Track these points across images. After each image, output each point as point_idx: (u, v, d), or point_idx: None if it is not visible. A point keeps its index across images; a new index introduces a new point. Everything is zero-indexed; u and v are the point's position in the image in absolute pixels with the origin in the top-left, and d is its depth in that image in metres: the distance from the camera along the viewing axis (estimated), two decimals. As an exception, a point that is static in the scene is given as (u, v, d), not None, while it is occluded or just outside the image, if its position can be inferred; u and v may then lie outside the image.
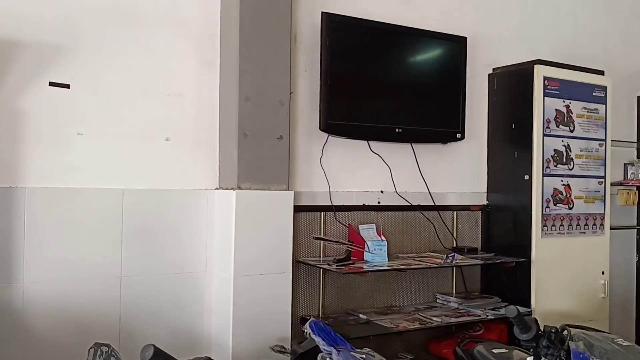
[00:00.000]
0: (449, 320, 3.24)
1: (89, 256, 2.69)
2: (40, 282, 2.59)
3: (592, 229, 3.73)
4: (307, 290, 3.24)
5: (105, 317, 2.71)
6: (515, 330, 1.78)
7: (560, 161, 3.59)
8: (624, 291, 4.36)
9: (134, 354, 2.22)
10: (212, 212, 2.96)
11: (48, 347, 2.57)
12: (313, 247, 3.27)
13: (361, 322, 3.19)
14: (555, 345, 1.76)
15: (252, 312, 2.84)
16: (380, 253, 3.27)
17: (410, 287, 3.57)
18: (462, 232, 3.76)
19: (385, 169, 3.46)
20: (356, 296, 3.39)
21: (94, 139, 2.73)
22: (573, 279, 3.64)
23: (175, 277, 2.89)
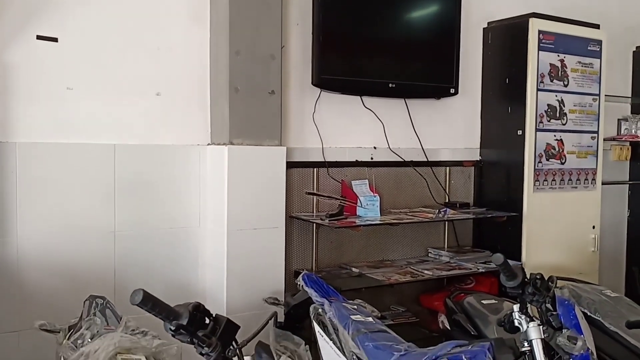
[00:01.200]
0: (440, 273, 3.28)
1: (82, 211, 2.70)
2: (34, 237, 2.61)
3: (583, 183, 3.75)
4: (300, 245, 3.28)
5: (100, 271, 2.74)
6: (501, 277, 1.80)
7: (553, 116, 3.59)
8: (614, 245, 4.42)
9: (129, 307, 2.26)
10: (205, 167, 2.96)
11: (44, 300, 2.61)
12: (306, 203, 3.29)
13: (353, 275, 3.23)
14: (541, 292, 1.80)
15: (245, 266, 2.88)
16: (373, 208, 3.29)
17: (402, 241, 3.61)
18: (454, 187, 3.78)
19: (379, 125, 3.45)
20: (349, 251, 3.43)
21: (83, 93, 2.71)
22: (564, 233, 3.67)
23: (168, 231, 2.91)
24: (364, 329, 2.36)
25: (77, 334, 2.12)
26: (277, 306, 2.78)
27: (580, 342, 1.74)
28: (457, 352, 1.98)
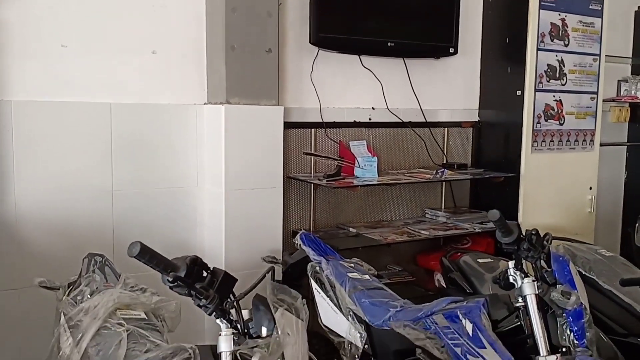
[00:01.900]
0: (437, 233, 3.31)
1: (79, 170, 2.70)
2: (32, 195, 2.61)
3: (582, 145, 3.74)
4: (298, 206, 3.29)
5: (99, 230, 2.75)
6: (497, 234, 1.82)
7: (553, 76, 3.56)
8: (610, 207, 4.44)
9: (127, 266, 2.28)
10: (202, 127, 2.94)
11: (43, 258, 2.63)
12: (304, 164, 3.28)
13: (351, 235, 3.26)
14: (536, 248, 1.81)
15: (244, 225, 2.89)
16: (371, 169, 3.29)
17: (399, 202, 3.62)
18: (452, 148, 3.77)
19: (377, 85, 3.43)
20: (346, 211, 3.44)
21: (78, 51, 2.67)
22: (560, 194, 3.69)
23: (166, 191, 2.91)
24: (361, 286, 2.39)
25: (77, 291, 2.14)
26: (275, 264, 2.80)
27: (574, 297, 1.77)
28: (453, 308, 2.01)
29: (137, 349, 1.73)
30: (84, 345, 1.80)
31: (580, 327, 1.80)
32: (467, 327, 1.90)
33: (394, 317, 2.17)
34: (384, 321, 2.19)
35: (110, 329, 1.83)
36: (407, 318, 2.11)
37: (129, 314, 1.97)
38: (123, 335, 1.78)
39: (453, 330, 1.94)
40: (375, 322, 2.23)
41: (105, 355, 1.73)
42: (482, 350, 1.82)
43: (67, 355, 1.83)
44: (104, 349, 1.76)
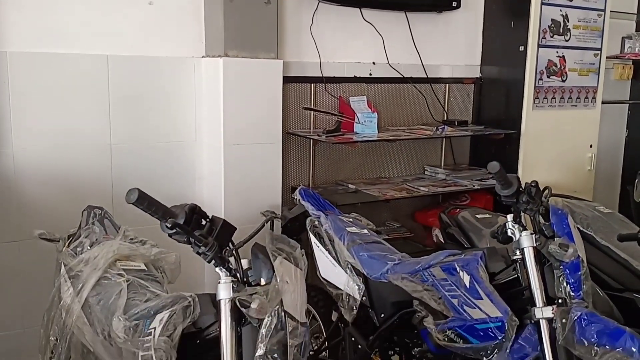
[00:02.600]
0: (436, 190, 3.30)
1: (77, 123, 2.68)
2: (30, 148, 2.60)
3: (583, 102, 3.71)
4: (297, 161, 3.27)
5: (97, 184, 2.75)
6: (496, 186, 1.81)
7: (557, 32, 3.50)
8: (610, 165, 4.43)
9: (126, 220, 2.29)
10: (200, 80, 2.91)
11: (42, 211, 2.63)
12: (303, 119, 3.26)
13: (350, 191, 3.25)
14: (535, 200, 1.81)
15: (243, 181, 2.89)
16: (370, 125, 3.27)
17: (399, 159, 3.61)
18: (453, 105, 3.74)
19: (378, 39, 3.37)
20: (346, 168, 3.43)
21: (74, 1, 2.62)
22: (561, 152, 3.67)
23: (165, 145, 2.90)
24: (359, 240, 2.40)
25: (76, 242, 2.14)
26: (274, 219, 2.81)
27: (571, 250, 1.78)
28: (450, 261, 2.03)
29: (137, 299, 1.74)
30: (84, 295, 1.82)
31: (576, 280, 1.81)
32: (465, 279, 1.92)
33: (392, 269, 2.19)
34: (382, 274, 2.21)
35: (110, 279, 1.84)
36: (405, 271, 2.13)
37: (128, 265, 1.98)
38: (123, 285, 1.80)
39: (450, 282, 1.95)
40: (373, 274, 2.24)
41: (106, 304, 1.74)
42: (479, 302, 1.84)
43: (68, 305, 1.85)
44: (105, 298, 1.77)
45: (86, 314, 1.77)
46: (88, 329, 1.74)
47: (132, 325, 1.56)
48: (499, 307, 1.80)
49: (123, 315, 1.61)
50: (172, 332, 1.48)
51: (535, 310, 1.81)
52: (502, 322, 1.77)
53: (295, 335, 1.44)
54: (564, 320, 1.75)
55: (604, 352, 1.70)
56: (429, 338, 2.05)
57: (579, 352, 1.73)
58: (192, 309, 1.53)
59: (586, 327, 1.73)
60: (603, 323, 1.74)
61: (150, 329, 1.51)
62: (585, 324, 1.74)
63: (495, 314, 1.79)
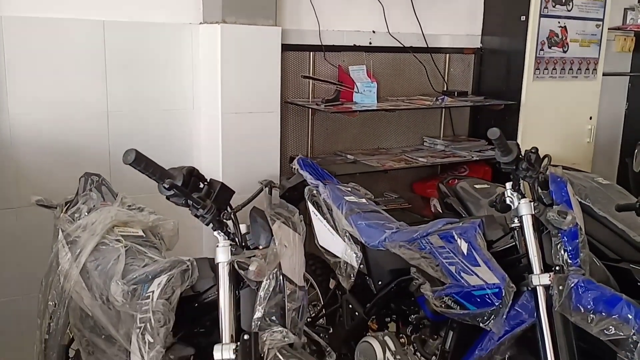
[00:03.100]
0: (435, 160, 3.29)
1: (74, 89, 2.65)
2: (26, 115, 2.57)
3: (584, 73, 3.68)
4: (295, 131, 3.26)
5: (95, 151, 2.73)
6: (496, 153, 1.80)
7: (559, 1, 3.45)
8: (609, 137, 4.42)
9: (124, 187, 2.28)
10: (197, 47, 2.87)
11: (39, 178, 2.62)
12: (302, 89, 3.23)
13: (348, 161, 3.25)
14: (534, 167, 1.80)
15: (241, 150, 2.87)
16: (370, 95, 3.24)
17: (398, 129, 3.59)
18: (453, 75, 3.71)
19: (378, 8, 3.32)
20: (344, 138, 3.42)
21: (68, -36, 2.58)
22: (560, 124, 3.66)
23: (162, 113, 2.87)
24: (357, 209, 2.40)
25: (74, 208, 2.13)
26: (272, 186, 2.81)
27: (570, 217, 1.78)
28: (448, 229, 2.03)
29: (135, 264, 1.73)
30: (82, 260, 1.82)
31: (574, 247, 1.82)
32: (462, 246, 1.92)
33: (390, 238, 2.19)
34: (380, 242, 2.22)
35: (108, 245, 1.84)
36: (403, 239, 2.13)
37: (126, 231, 1.98)
38: (121, 251, 1.79)
39: (448, 249, 1.96)
40: (371, 243, 2.25)
41: (104, 269, 1.74)
42: (476, 268, 1.85)
43: (66, 270, 1.85)
44: (103, 263, 1.77)
45: (84, 279, 1.77)
46: (86, 293, 1.74)
47: (131, 289, 1.56)
48: (496, 273, 1.81)
49: (121, 280, 1.61)
50: (170, 296, 1.48)
51: (532, 277, 1.81)
52: (499, 289, 1.78)
53: (293, 299, 1.44)
54: (561, 287, 1.76)
55: (600, 319, 1.71)
56: (425, 305, 2.07)
57: (575, 318, 1.74)
58: (190, 273, 1.53)
59: (583, 294, 1.74)
60: (600, 290, 1.75)
61: (148, 293, 1.51)
62: (582, 291, 1.75)
63: (492, 280, 1.80)
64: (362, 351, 2.22)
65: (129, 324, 1.47)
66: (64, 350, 1.99)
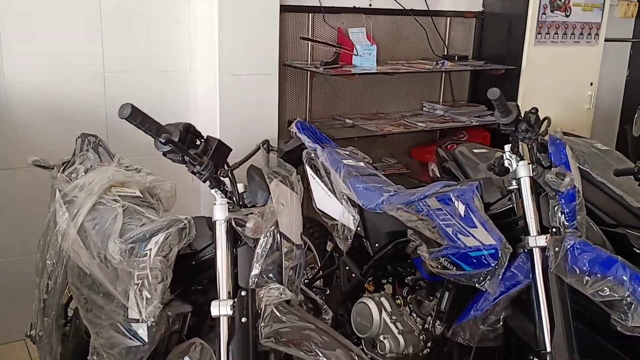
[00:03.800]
0: (434, 125, 3.28)
1: (69, 49, 2.62)
2: (22, 75, 2.55)
3: (586, 38, 3.64)
4: (294, 95, 3.23)
5: (91, 112, 2.71)
6: (495, 114, 1.79)
7: (562, -36, 3.40)
8: (609, 104, 4.39)
9: (121, 149, 2.27)
10: (195, 8, 2.82)
11: (36, 139, 2.61)
12: (300, 51, 3.19)
13: (347, 126, 3.23)
14: (534, 128, 1.79)
15: (238, 113, 2.85)
16: (369, 58, 3.20)
17: (397, 94, 3.57)
18: (454, 39, 3.67)
19: (378, -32, 3.27)
20: (343, 102, 3.39)
21: None
22: (560, 89, 3.63)
23: (159, 74, 2.84)
24: (355, 172, 2.40)
25: (71, 169, 2.12)
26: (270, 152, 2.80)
27: (568, 179, 1.77)
28: (446, 191, 2.03)
29: (132, 224, 1.73)
30: (80, 220, 1.81)
31: (571, 210, 1.81)
32: (460, 208, 1.92)
33: (387, 200, 2.20)
34: (377, 205, 2.22)
35: (105, 205, 1.83)
36: (400, 202, 2.13)
37: (124, 191, 1.97)
38: (119, 210, 1.78)
39: (445, 212, 1.96)
40: (369, 205, 2.25)
41: (102, 229, 1.73)
42: (473, 230, 1.85)
43: (63, 229, 1.85)
44: (100, 223, 1.76)
45: (82, 238, 1.77)
46: (84, 252, 1.74)
47: (128, 248, 1.56)
48: (493, 235, 1.81)
49: (119, 239, 1.61)
50: (167, 253, 1.48)
51: (529, 238, 1.82)
52: (495, 250, 1.79)
53: (290, 258, 1.44)
54: (557, 249, 1.76)
55: (595, 280, 1.72)
56: (422, 266, 2.08)
57: (570, 280, 1.75)
58: (187, 231, 1.53)
59: (579, 255, 1.74)
60: (595, 252, 1.76)
61: (145, 251, 1.51)
62: (577, 252, 1.75)
63: (489, 241, 1.81)
64: (358, 312, 2.24)
65: (126, 281, 1.47)
66: (62, 308, 2.00)
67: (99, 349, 1.46)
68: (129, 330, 1.40)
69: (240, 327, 1.33)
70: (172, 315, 1.46)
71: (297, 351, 1.32)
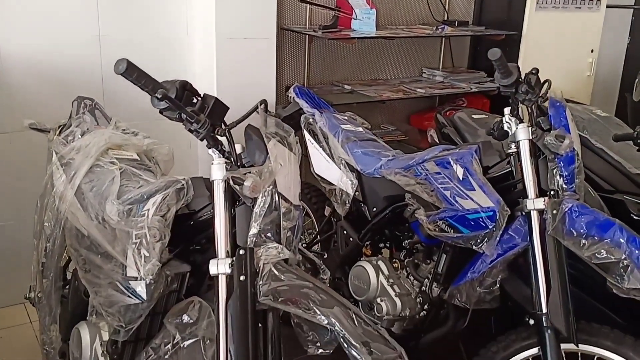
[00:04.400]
0: (433, 91, 3.26)
1: (64, 12, 2.58)
2: (16, 39, 2.51)
3: (588, 4, 3.59)
4: (292, 59, 3.20)
5: (88, 77, 2.68)
6: (496, 76, 1.77)
7: None
8: (609, 71, 4.36)
9: (117, 113, 2.25)
10: (191, -31, 2.78)
11: (32, 103, 2.59)
12: (298, 14, 3.15)
13: (345, 91, 3.20)
14: (534, 90, 1.77)
15: (236, 77, 2.82)
16: (369, 22, 3.16)
17: (397, 60, 3.53)
18: (454, 4, 3.62)
19: None
20: (342, 68, 3.36)
21: None
22: (561, 56, 3.60)
23: (156, 39, 2.81)
24: (354, 137, 2.39)
25: (68, 131, 2.11)
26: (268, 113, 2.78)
27: (567, 141, 1.76)
28: (445, 155, 2.02)
29: (130, 186, 1.73)
30: (77, 182, 1.81)
31: (570, 172, 1.81)
32: (458, 171, 1.92)
33: (386, 165, 2.19)
34: (376, 169, 2.22)
35: (102, 167, 1.83)
36: (399, 166, 2.13)
37: (121, 154, 1.96)
38: (116, 173, 1.78)
39: (444, 175, 1.95)
40: (367, 170, 2.25)
41: (99, 191, 1.73)
42: (471, 193, 1.85)
43: (60, 192, 1.84)
44: (97, 185, 1.75)
45: (79, 200, 1.76)
46: (82, 214, 1.74)
47: (126, 209, 1.56)
48: (491, 197, 1.81)
49: (116, 200, 1.61)
50: (165, 213, 1.48)
51: (527, 201, 1.81)
52: (493, 212, 1.79)
53: (288, 218, 1.44)
54: (555, 212, 1.76)
55: (592, 243, 1.72)
56: (419, 230, 2.08)
57: (567, 242, 1.75)
58: (185, 191, 1.52)
59: (576, 218, 1.74)
60: (593, 215, 1.76)
61: (143, 212, 1.51)
62: (575, 215, 1.75)
63: (487, 204, 1.80)
64: (356, 275, 2.26)
65: (125, 241, 1.47)
66: (61, 270, 2.01)
67: (98, 307, 1.47)
68: (128, 288, 1.40)
69: (239, 285, 1.33)
70: (171, 275, 1.46)
71: (295, 309, 1.33)
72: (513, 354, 1.83)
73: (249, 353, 1.34)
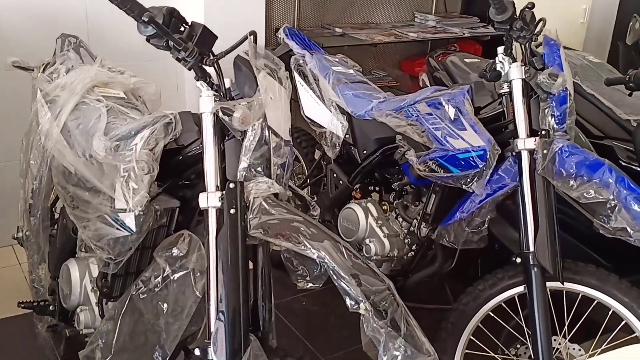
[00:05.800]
0: (425, 36, 3.21)
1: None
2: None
3: (584, -52, 3.52)
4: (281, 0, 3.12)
5: (72, 15, 2.61)
6: (490, 11, 1.73)
7: None
8: (603, 19, 4.29)
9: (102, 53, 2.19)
10: None
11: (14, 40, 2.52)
12: (289, -45, 3.07)
13: (336, 34, 3.15)
14: (529, 27, 1.74)
15: (223, 19, 2.74)
16: (360, -37, 3.08)
17: (389, 3, 3.47)
18: (448, -53, 3.54)
19: None
20: (333, 10, 3.30)
21: None
22: (555, 2, 3.54)
23: (141, -25, 2.71)
24: (345, 79, 2.36)
25: (52, 68, 2.06)
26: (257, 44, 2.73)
27: (561, 79, 1.74)
28: (437, 96, 2.00)
29: (117, 123, 1.70)
30: (63, 119, 1.77)
31: (562, 113, 1.79)
32: (450, 111, 1.91)
33: (377, 107, 2.17)
34: (367, 112, 2.20)
35: (89, 105, 1.79)
36: (390, 108, 2.11)
37: (107, 92, 1.92)
38: (102, 110, 1.74)
39: (435, 115, 1.94)
40: (358, 112, 2.23)
41: (85, 128, 1.70)
42: (463, 132, 1.84)
43: (46, 129, 1.81)
44: (84, 122, 1.72)
45: (65, 137, 1.74)
46: (68, 151, 1.71)
47: (113, 145, 1.53)
48: (482, 136, 1.80)
49: (104, 137, 1.58)
50: (153, 147, 1.45)
51: (517, 141, 1.80)
52: (484, 151, 1.78)
53: (278, 154, 1.42)
54: (545, 151, 1.76)
55: (581, 183, 1.72)
56: (409, 171, 2.08)
57: (556, 182, 1.76)
58: (173, 126, 1.50)
59: (567, 158, 1.74)
60: (583, 155, 1.75)
61: (131, 146, 1.49)
62: (565, 155, 1.74)
63: (477, 143, 1.80)
64: (345, 217, 2.26)
65: (113, 175, 1.45)
66: (48, 210, 1.99)
67: (87, 241, 1.46)
68: (117, 220, 1.39)
69: (229, 218, 1.32)
70: (160, 209, 1.45)
71: (285, 242, 1.33)
72: (499, 291, 1.86)
73: (239, 286, 1.34)
